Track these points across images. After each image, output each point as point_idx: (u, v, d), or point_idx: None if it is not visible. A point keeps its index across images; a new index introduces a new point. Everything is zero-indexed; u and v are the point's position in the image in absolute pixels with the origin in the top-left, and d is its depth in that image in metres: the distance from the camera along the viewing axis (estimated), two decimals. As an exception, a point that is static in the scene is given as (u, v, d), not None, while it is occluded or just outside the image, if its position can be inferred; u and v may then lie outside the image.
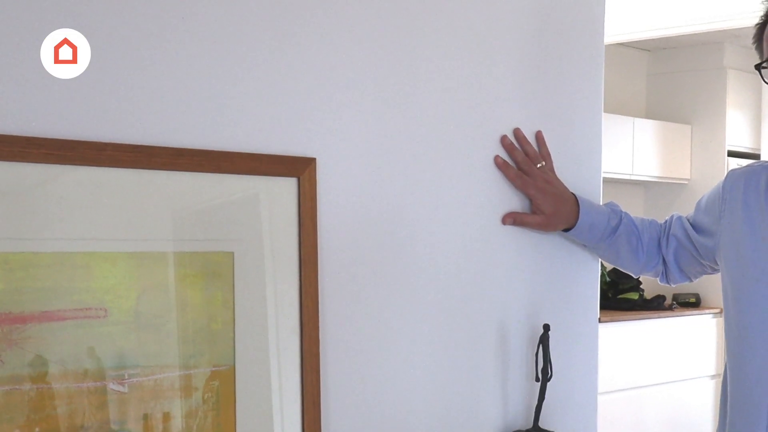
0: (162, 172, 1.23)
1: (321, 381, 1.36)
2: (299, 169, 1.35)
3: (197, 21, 1.27)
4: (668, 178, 6.26)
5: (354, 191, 1.44)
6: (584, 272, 1.79)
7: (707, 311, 5.99)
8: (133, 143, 1.20)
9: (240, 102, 1.31)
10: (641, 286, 5.85)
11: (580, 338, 1.77)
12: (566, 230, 1.70)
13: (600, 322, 1.83)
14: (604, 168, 1.84)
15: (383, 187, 1.47)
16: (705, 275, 1.82)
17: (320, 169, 1.38)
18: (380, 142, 1.47)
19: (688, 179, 6.32)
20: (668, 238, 1.78)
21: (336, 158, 1.41)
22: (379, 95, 1.46)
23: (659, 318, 5.75)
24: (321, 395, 1.36)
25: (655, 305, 5.85)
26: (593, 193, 1.77)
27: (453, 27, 1.56)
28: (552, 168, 1.68)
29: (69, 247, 1.16)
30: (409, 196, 1.51)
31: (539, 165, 1.65)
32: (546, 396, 1.61)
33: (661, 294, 5.96)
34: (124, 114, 1.20)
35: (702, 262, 1.76)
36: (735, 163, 5.95)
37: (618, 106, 6.03)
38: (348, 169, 1.43)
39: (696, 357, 5.91)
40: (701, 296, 6.11)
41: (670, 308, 5.92)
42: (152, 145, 1.22)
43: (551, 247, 1.72)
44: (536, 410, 1.62)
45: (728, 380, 1.69)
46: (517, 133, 1.64)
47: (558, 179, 1.68)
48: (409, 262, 1.51)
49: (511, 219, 1.63)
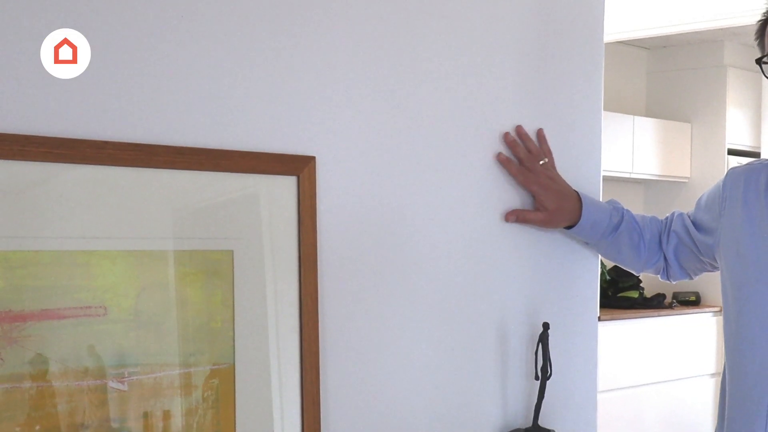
0: (162, 171, 1.23)
1: (320, 379, 1.37)
2: (299, 168, 1.35)
3: (197, 20, 1.27)
4: (668, 177, 6.25)
5: (354, 190, 1.44)
6: (584, 270, 1.79)
7: (707, 309, 5.99)
8: (134, 142, 1.20)
9: (240, 101, 1.31)
10: (641, 285, 5.85)
11: (580, 336, 1.77)
12: (568, 227, 1.70)
13: (600, 321, 1.83)
14: (604, 166, 1.84)
15: (383, 186, 1.47)
16: (705, 273, 1.82)
17: (320, 168, 1.38)
18: (380, 141, 1.47)
19: (688, 177, 6.32)
20: (669, 235, 1.78)
21: (336, 157, 1.41)
22: (379, 94, 1.47)
23: (659, 316, 5.75)
24: (320, 393, 1.37)
25: (655, 303, 5.86)
26: (593, 192, 1.77)
27: (453, 26, 1.56)
28: (554, 165, 1.68)
29: (69, 246, 1.16)
30: (409, 195, 1.51)
31: (542, 162, 1.65)
32: (546, 394, 1.61)
33: (661, 292, 5.95)
34: (125, 113, 1.21)
35: (702, 260, 1.77)
36: (735, 162, 5.95)
37: (618, 105, 6.03)
38: (348, 168, 1.43)
39: (696, 355, 5.91)
40: (701, 294, 6.10)
41: (670, 306, 5.92)
42: (152, 144, 1.22)
43: (551, 246, 1.72)
44: (536, 409, 1.62)
45: (727, 378, 1.69)
46: (519, 130, 1.64)
47: (560, 176, 1.69)
48: (409, 261, 1.51)
49: (514, 216, 1.63)
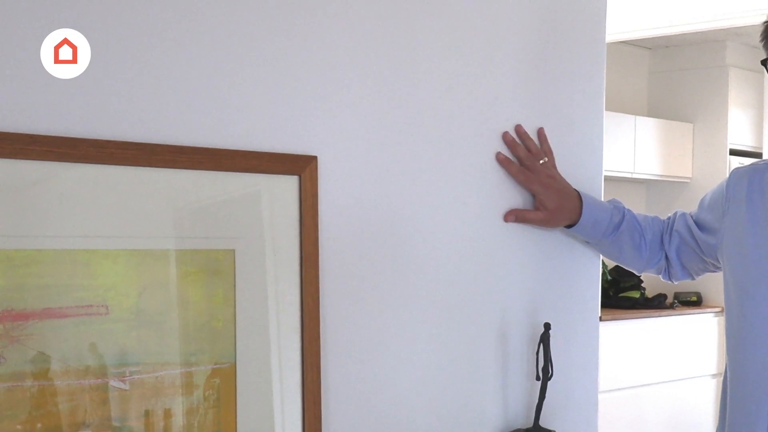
0: (163, 170, 1.23)
1: (321, 379, 1.37)
2: (300, 167, 1.35)
3: (198, 20, 1.27)
4: (670, 177, 6.25)
5: (355, 189, 1.44)
6: (585, 270, 1.79)
7: (708, 310, 5.99)
8: (135, 141, 1.20)
9: (241, 100, 1.31)
10: (642, 285, 5.85)
11: (581, 337, 1.77)
12: (569, 226, 1.70)
13: (601, 321, 1.83)
14: (606, 166, 1.84)
15: (384, 185, 1.47)
16: (707, 273, 1.82)
17: (321, 167, 1.38)
18: (381, 141, 1.47)
19: (690, 178, 6.32)
20: (671, 235, 1.78)
21: (337, 156, 1.41)
22: (381, 93, 1.47)
23: (660, 317, 5.74)
24: (321, 393, 1.37)
25: (657, 304, 5.85)
26: (594, 192, 1.77)
27: (454, 25, 1.56)
28: (554, 164, 1.68)
29: (70, 245, 1.16)
30: (410, 194, 1.51)
31: (542, 161, 1.65)
32: (546, 395, 1.61)
33: (663, 292, 5.95)
34: (126, 113, 1.21)
35: (705, 260, 1.76)
36: (737, 162, 5.95)
37: (619, 104, 6.02)
38: (349, 167, 1.43)
39: (697, 356, 5.90)
40: (702, 295, 6.10)
41: (672, 307, 5.92)
42: (153, 143, 1.22)
43: (552, 246, 1.72)
44: (537, 409, 1.62)
45: (729, 379, 1.68)
46: (519, 130, 1.64)
47: (560, 175, 1.68)
48: (410, 260, 1.51)
49: (513, 216, 1.63)
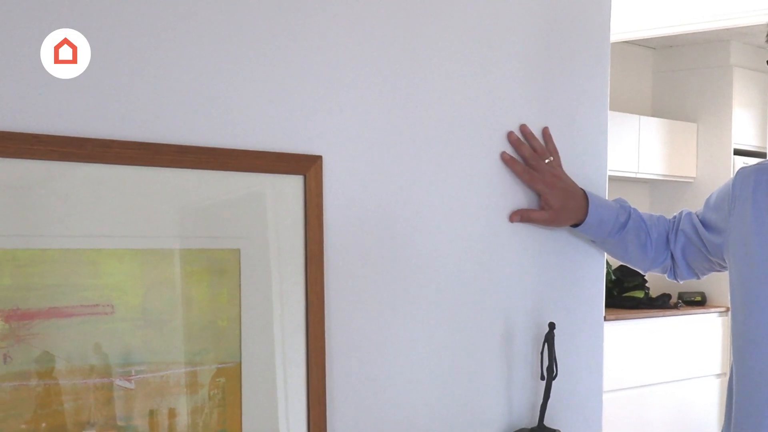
0: (168, 170, 1.23)
1: (326, 378, 1.37)
2: (305, 167, 1.35)
3: (203, 20, 1.27)
4: (674, 177, 6.25)
5: (360, 189, 1.44)
6: (589, 270, 1.79)
7: (713, 310, 5.98)
8: (140, 141, 1.20)
9: (246, 100, 1.31)
10: (646, 285, 5.84)
11: (586, 336, 1.77)
12: (575, 226, 1.70)
13: (605, 321, 1.83)
14: (610, 166, 1.84)
15: (389, 185, 1.48)
16: (713, 272, 1.82)
17: (326, 167, 1.38)
18: (386, 140, 1.47)
19: (694, 177, 6.31)
20: (677, 234, 1.77)
21: (342, 156, 1.41)
22: (385, 93, 1.47)
23: (665, 316, 5.74)
24: (326, 392, 1.37)
25: (661, 304, 5.85)
26: (599, 192, 1.76)
27: (459, 25, 1.56)
28: (560, 164, 1.68)
29: (76, 244, 1.16)
30: (415, 194, 1.51)
31: (547, 160, 1.65)
32: (551, 394, 1.61)
33: (667, 292, 5.95)
34: (127, 112, 1.20)
35: (710, 259, 1.76)
36: (741, 162, 5.95)
37: (623, 104, 6.02)
38: (354, 167, 1.43)
39: (701, 356, 5.90)
40: (707, 295, 6.10)
41: (676, 307, 5.91)
42: (158, 143, 1.22)
43: (556, 245, 1.72)
44: (541, 408, 1.62)
45: (734, 379, 1.68)
46: (524, 129, 1.64)
47: (566, 174, 1.68)
48: (414, 260, 1.51)
49: (518, 216, 1.63)
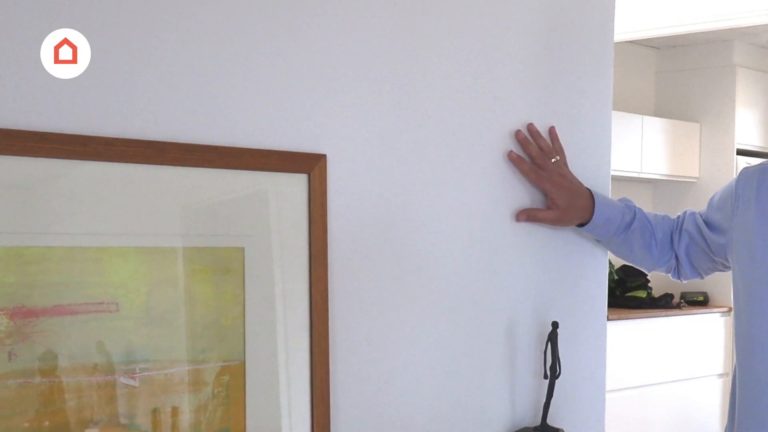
0: (172, 168, 1.23)
1: (330, 376, 1.37)
2: (309, 166, 1.35)
3: (207, 18, 1.27)
4: (677, 177, 6.25)
5: (364, 188, 1.44)
6: (592, 270, 1.79)
7: (715, 310, 5.98)
8: (144, 139, 1.21)
9: (250, 98, 1.32)
10: (649, 284, 5.84)
11: (589, 335, 1.77)
12: (580, 225, 1.70)
13: (607, 320, 1.83)
14: (613, 166, 1.84)
15: (393, 184, 1.48)
16: (716, 272, 1.82)
17: (330, 166, 1.38)
18: (391, 139, 1.47)
19: (697, 177, 6.31)
20: (681, 234, 1.77)
21: (346, 155, 1.41)
22: (390, 92, 1.47)
23: (667, 316, 5.74)
24: (330, 390, 1.37)
25: (663, 303, 5.85)
26: (602, 191, 1.77)
27: (463, 24, 1.56)
28: (566, 163, 1.68)
29: (80, 242, 1.16)
30: (420, 193, 1.51)
31: (554, 160, 1.65)
32: (554, 393, 1.61)
33: (669, 292, 5.95)
34: (132, 112, 1.20)
35: (714, 259, 1.76)
36: (744, 162, 5.94)
37: (626, 104, 6.02)
38: (358, 166, 1.43)
39: (704, 356, 5.90)
40: (709, 295, 6.09)
41: (678, 306, 5.91)
42: (163, 141, 1.22)
43: (560, 245, 1.72)
44: (544, 407, 1.62)
45: (737, 379, 1.68)
46: (531, 128, 1.64)
47: (572, 174, 1.68)
48: (419, 259, 1.51)
49: (525, 216, 1.63)
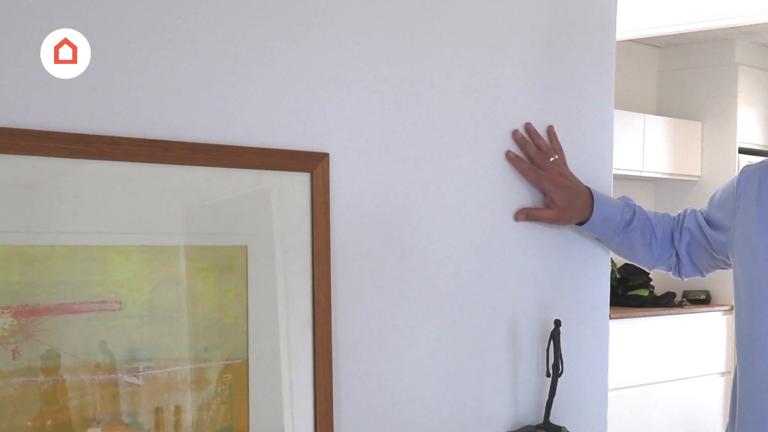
0: (176, 167, 1.24)
1: (333, 374, 1.37)
2: (312, 164, 1.35)
3: (210, 17, 1.28)
4: (679, 175, 6.24)
5: (367, 186, 1.44)
6: (595, 268, 1.79)
7: (717, 308, 5.98)
8: (148, 138, 1.21)
9: (254, 97, 1.32)
10: (651, 283, 5.84)
11: (591, 334, 1.78)
12: (580, 224, 1.70)
13: (609, 319, 1.83)
14: (615, 165, 1.84)
15: (396, 183, 1.48)
16: (717, 270, 1.82)
17: (333, 165, 1.38)
18: (393, 138, 1.47)
19: (699, 176, 6.31)
20: (681, 232, 1.78)
21: (349, 154, 1.41)
22: (391, 91, 1.47)
23: (669, 315, 5.74)
24: (333, 388, 1.37)
25: (665, 302, 5.85)
26: (604, 190, 1.77)
27: (465, 24, 1.56)
28: (564, 162, 1.68)
29: (84, 241, 1.16)
30: (421, 192, 1.51)
31: (552, 159, 1.65)
32: (557, 391, 1.61)
33: (671, 291, 5.94)
34: (134, 111, 1.20)
35: (715, 257, 1.76)
36: (746, 160, 5.95)
37: (628, 103, 6.02)
38: (361, 165, 1.43)
39: (706, 354, 5.90)
40: (711, 293, 6.09)
41: (680, 305, 5.91)
42: (166, 140, 1.22)
43: (562, 243, 1.72)
44: (547, 406, 1.62)
45: (739, 377, 1.68)
46: (529, 128, 1.65)
47: (571, 173, 1.68)
48: (421, 257, 1.52)
49: (524, 215, 1.64)
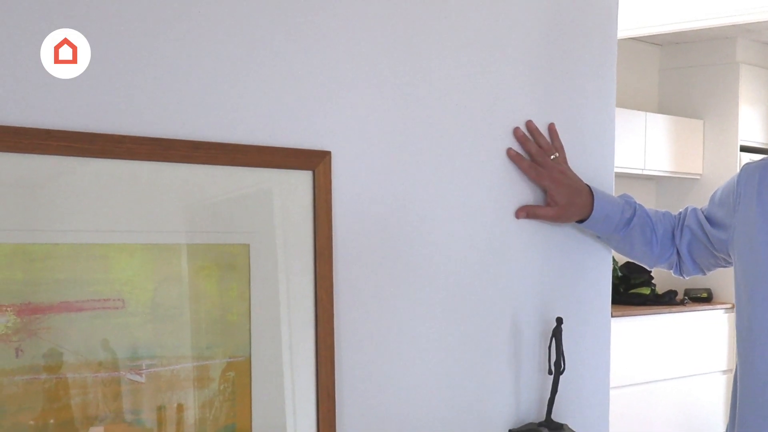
0: (178, 165, 1.24)
1: (335, 372, 1.37)
2: (314, 163, 1.35)
3: (212, 15, 1.28)
4: (680, 173, 6.24)
5: (369, 184, 1.44)
6: (596, 266, 1.79)
7: (719, 306, 5.98)
8: (151, 136, 1.21)
9: (255, 95, 1.32)
10: (653, 281, 5.84)
11: (593, 331, 1.78)
12: (580, 221, 1.70)
13: (611, 317, 1.83)
14: (616, 163, 1.84)
15: (397, 181, 1.48)
16: (718, 268, 1.82)
17: (335, 163, 1.39)
18: (394, 136, 1.47)
19: (700, 174, 6.31)
20: (682, 230, 1.78)
21: (351, 152, 1.41)
22: (393, 90, 1.47)
23: (671, 313, 5.74)
24: (335, 386, 1.37)
25: (667, 300, 5.85)
26: (605, 188, 1.77)
27: (466, 22, 1.56)
28: (565, 160, 1.68)
29: (87, 239, 1.17)
30: (423, 190, 1.51)
31: (553, 156, 1.65)
32: (558, 389, 1.61)
33: (673, 289, 5.94)
34: (134, 110, 1.21)
35: (716, 255, 1.76)
36: (747, 158, 5.94)
37: (630, 101, 6.02)
38: (363, 163, 1.43)
39: (707, 352, 5.90)
40: (713, 291, 6.09)
41: (682, 303, 5.91)
42: (169, 138, 1.23)
43: (564, 241, 1.72)
44: (549, 403, 1.62)
45: (739, 376, 1.68)
46: (530, 125, 1.65)
47: (572, 170, 1.68)
48: (423, 256, 1.52)
49: (524, 212, 1.64)
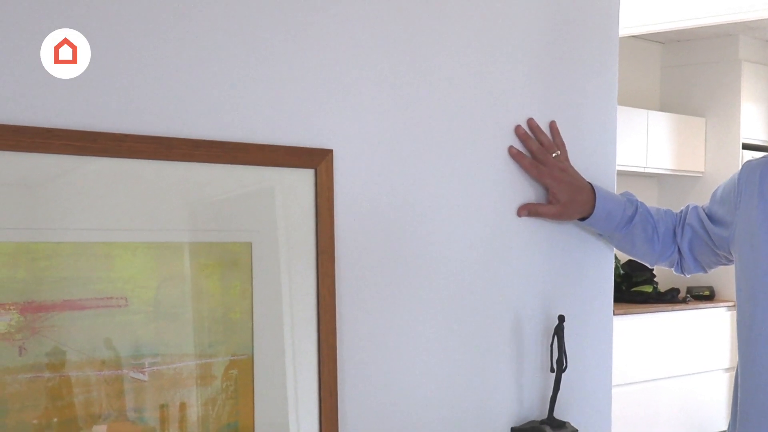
0: (180, 164, 1.24)
1: (338, 370, 1.38)
2: (316, 161, 1.36)
3: (213, 14, 1.28)
4: (682, 171, 6.24)
5: (370, 183, 1.44)
6: (598, 264, 1.79)
7: (721, 304, 5.98)
8: (153, 135, 1.21)
9: (257, 94, 1.32)
10: (655, 279, 5.84)
11: (595, 329, 1.78)
12: (582, 219, 1.70)
13: (613, 315, 1.83)
14: (618, 161, 1.84)
15: (399, 179, 1.48)
16: (720, 266, 1.82)
17: (337, 161, 1.39)
18: (396, 134, 1.48)
19: (702, 172, 6.31)
20: (683, 228, 1.78)
21: (353, 150, 1.42)
22: (395, 88, 1.47)
23: (673, 311, 5.74)
24: (338, 384, 1.38)
25: (669, 298, 5.85)
26: (608, 186, 1.77)
27: (468, 20, 1.56)
28: (567, 157, 1.68)
29: (90, 237, 1.17)
30: (425, 188, 1.52)
31: (554, 154, 1.65)
32: (561, 387, 1.61)
33: (675, 287, 5.94)
34: (137, 109, 1.21)
35: (717, 252, 1.76)
36: (749, 156, 5.93)
37: (632, 99, 6.02)
38: (364, 161, 1.43)
39: (710, 350, 5.90)
40: (715, 289, 6.09)
41: (684, 301, 5.91)
42: (171, 137, 1.23)
43: (566, 239, 1.72)
44: (551, 401, 1.62)
45: (740, 374, 1.68)
46: (531, 123, 1.65)
47: (573, 168, 1.68)
48: (425, 253, 1.52)
49: (526, 210, 1.64)
